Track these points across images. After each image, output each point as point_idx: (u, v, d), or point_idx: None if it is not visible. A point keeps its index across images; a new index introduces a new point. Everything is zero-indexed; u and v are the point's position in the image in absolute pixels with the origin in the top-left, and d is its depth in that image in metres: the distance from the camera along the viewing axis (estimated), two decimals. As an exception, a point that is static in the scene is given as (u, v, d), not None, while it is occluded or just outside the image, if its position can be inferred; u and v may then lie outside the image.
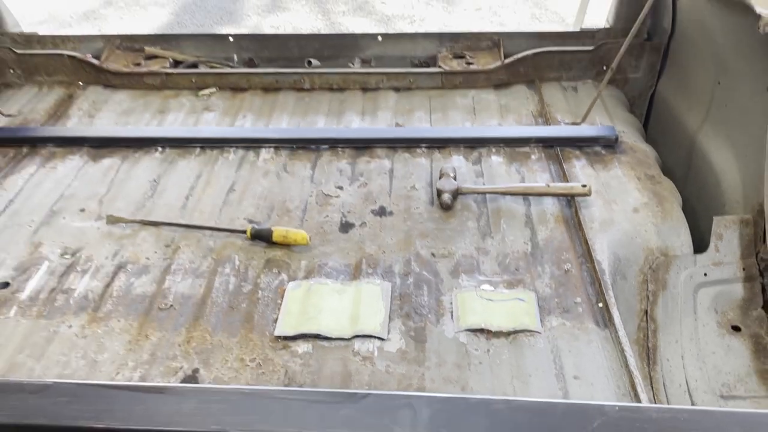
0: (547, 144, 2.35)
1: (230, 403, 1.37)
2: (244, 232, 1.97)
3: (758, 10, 1.83)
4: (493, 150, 2.36)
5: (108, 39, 2.89)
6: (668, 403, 1.79)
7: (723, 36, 2.21)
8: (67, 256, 1.92)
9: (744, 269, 2.01)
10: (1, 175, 2.26)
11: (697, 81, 2.42)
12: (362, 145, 2.40)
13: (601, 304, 1.72)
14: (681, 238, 2.04)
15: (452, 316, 1.71)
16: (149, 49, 2.85)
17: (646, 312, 1.95)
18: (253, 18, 5.85)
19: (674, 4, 2.53)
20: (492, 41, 2.85)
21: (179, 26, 5.65)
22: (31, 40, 2.87)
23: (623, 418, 1.33)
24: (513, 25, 5.70)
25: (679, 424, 1.31)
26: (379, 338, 1.64)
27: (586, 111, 2.41)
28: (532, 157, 2.33)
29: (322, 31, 5.52)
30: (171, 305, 1.75)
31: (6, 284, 1.82)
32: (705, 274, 2.01)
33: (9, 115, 2.58)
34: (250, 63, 2.91)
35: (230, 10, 6.01)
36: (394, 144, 2.39)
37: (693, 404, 1.83)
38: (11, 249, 1.95)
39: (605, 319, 1.68)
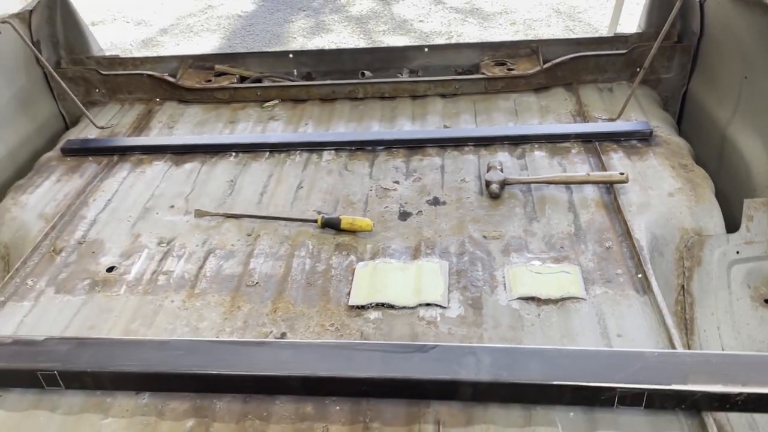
0: (586, 139, 2.55)
1: (320, 353, 1.61)
2: (315, 221, 2.22)
3: (777, 7, 2.02)
4: (536, 146, 2.57)
5: (181, 59, 3.22)
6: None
7: (748, 34, 2.39)
8: (163, 245, 2.20)
9: (775, 247, 2.17)
10: (99, 179, 2.57)
11: (726, 78, 2.59)
12: (414, 146, 2.63)
13: (640, 275, 1.91)
14: (714, 219, 2.21)
15: (505, 287, 1.91)
16: (218, 67, 3.16)
17: (683, 286, 2.12)
18: (299, 40, 6.20)
19: (702, 9, 2.72)
20: (531, 48, 3.08)
21: (231, 50, 6.02)
22: (113, 62, 3.21)
23: (661, 362, 1.53)
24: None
25: (711, 366, 1.50)
26: (441, 306, 1.86)
27: (621, 107, 2.61)
28: (572, 151, 2.53)
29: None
30: (257, 282, 2.01)
31: (113, 268, 2.10)
32: (737, 252, 2.18)
33: (102, 127, 2.91)
34: (308, 76, 3.20)
35: (277, 33, 6.37)
36: (443, 143, 2.62)
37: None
38: (114, 240, 2.24)
39: (644, 287, 1.87)
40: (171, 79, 3.09)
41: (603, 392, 1.46)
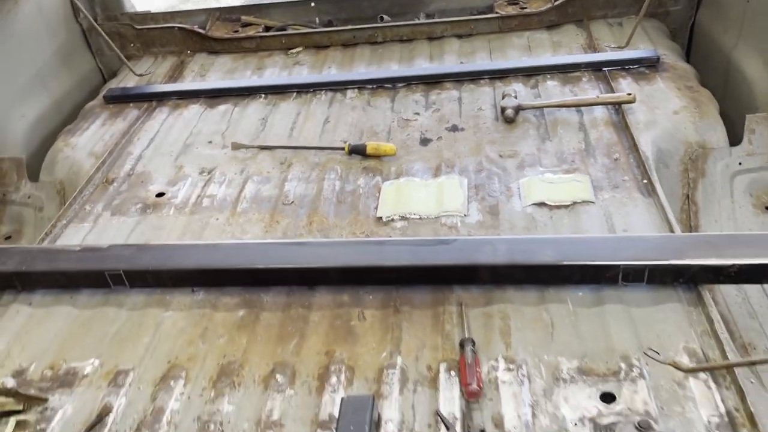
0: (596, 68, 2.68)
1: (354, 249, 1.81)
2: (343, 148, 2.39)
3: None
4: (548, 77, 2.71)
5: (209, 12, 3.39)
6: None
7: (750, -42, 2.49)
8: (204, 174, 2.40)
9: (776, 158, 2.30)
10: (140, 122, 2.78)
11: (731, 4, 2.70)
12: (432, 81, 2.79)
13: (645, 181, 2.06)
14: (717, 133, 2.34)
15: (519, 196, 2.08)
16: (245, 18, 3.33)
17: (688, 196, 2.27)
18: None
19: (708, -61, 2.82)
20: (542, -13, 3.19)
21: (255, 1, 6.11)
22: (145, 17, 3.39)
23: (661, 243, 1.70)
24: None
25: (706, 244, 1.66)
26: (461, 215, 2.03)
27: (629, 35, 2.73)
28: (583, 79, 2.67)
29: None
30: (292, 201, 2.20)
31: (162, 194, 2.31)
32: (740, 164, 2.32)
33: (140, 74, 3.11)
34: (329, 24, 3.35)
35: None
36: (460, 78, 2.77)
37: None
38: (160, 171, 2.44)
39: (649, 191, 2.02)
40: (201, 31, 3.27)
41: (608, 270, 1.64)
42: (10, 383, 1.50)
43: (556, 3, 3.06)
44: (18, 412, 1.55)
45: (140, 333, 1.74)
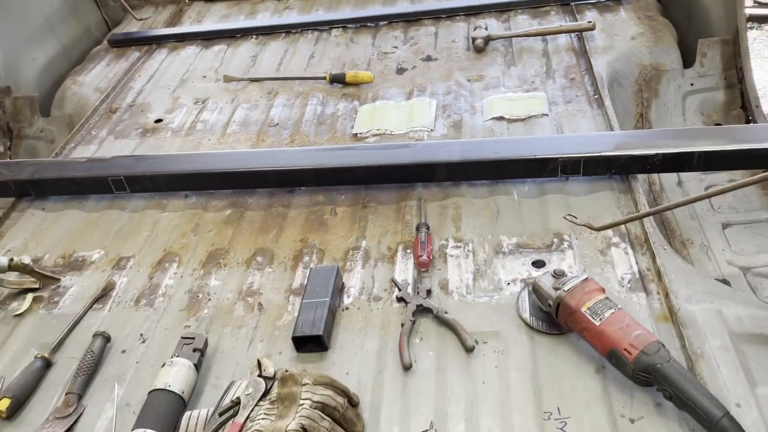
0: (564, 2, 2.85)
1: (328, 153, 2.02)
2: (324, 77, 2.60)
3: None
4: (519, 12, 2.88)
5: (205, -38, 3.58)
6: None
7: None
8: (198, 103, 2.62)
9: (725, 79, 2.48)
10: (141, 62, 3.00)
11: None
12: (412, 18, 2.98)
13: (596, 96, 2.25)
14: (671, 56, 2.52)
15: (482, 113, 2.28)
16: (238, -33, 3.52)
17: (642, 114, 2.46)
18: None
19: None
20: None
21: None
22: (145, -31, 3.60)
23: (596, 138, 1.90)
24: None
25: (636, 138, 1.86)
26: (428, 129, 2.24)
27: (595, -31, 2.89)
28: (551, 13, 2.84)
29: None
30: (277, 123, 2.42)
31: (160, 120, 2.54)
32: (692, 84, 2.50)
33: (141, 19, 3.33)
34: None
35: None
36: (437, 14, 2.96)
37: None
38: (159, 101, 2.67)
39: (599, 104, 2.21)
40: (197, -20, 3.47)
41: (549, 163, 1.84)
42: (27, 260, 1.74)
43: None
44: (34, 290, 1.80)
45: (140, 229, 1.99)
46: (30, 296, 1.78)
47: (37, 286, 1.80)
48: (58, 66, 3.17)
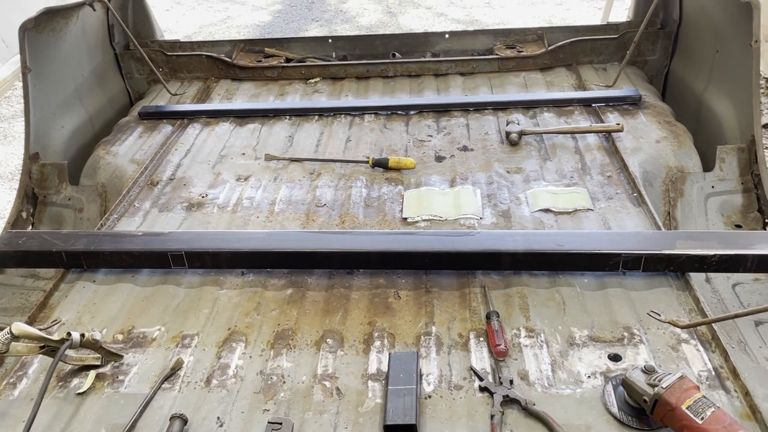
0: (586, 103, 3.05)
1: (390, 237, 2.06)
2: (367, 161, 2.68)
3: (740, -14, 2.55)
4: (545, 109, 3.06)
5: (234, 43, 3.70)
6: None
7: (718, 13, 2.91)
8: (241, 180, 2.65)
9: (742, 183, 2.67)
10: (175, 136, 3.03)
11: (701, 53, 3.11)
12: (442, 110, 3.12)
13: (635, 194, 2.39)
14: (693, 161, 2.70)
15: (527, 204, 2.38)
16: (268, 50, 3.64)
17: (669, 212, 2.60)
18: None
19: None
20: (537, 35, 3.59)
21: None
22: (174, 45, 3.69)
23: (654, 237, 2.01)
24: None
25: (692, 238, 1.96)
26: (477, 217, 2.32)
27: (615, 76, 3.11)
28: (576, 112, 3.02)
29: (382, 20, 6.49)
30: (324, 204, 2.46)
31: (204, 195, 2.55)
32: (713, 187, 2.67)
33: (174, 94, 3.37)
34: (344, 59, 3.68)
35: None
36: (466, 107, 3.11)
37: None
38: (200, 176, 2.68)
39: (639, 202, 2.34)
40: (227, 59, 3.57)
41: (611, 258, 1.92)
42: (98, 336, 1.69)
43: (549, 48, 3.45)
44: (96, 367, 1.74)
45: (200, 306, 1.96)
46: (93, 373, 1.72)
47: (99, 363, 1.74)
48: (84, 134, 3.17)
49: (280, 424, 1.50)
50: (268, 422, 1.50)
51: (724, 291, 2.29)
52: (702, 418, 1.36)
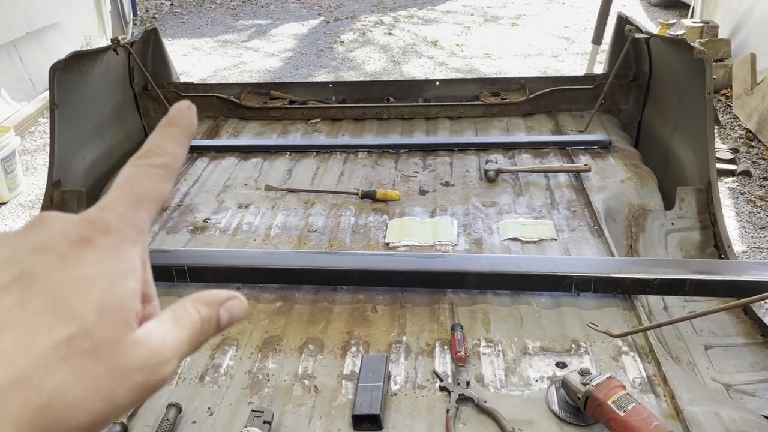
0: (561, 146, 3.33)
1: (370, 257, 2.31)
2: (356, 193, 2.95)
3: (693, 44, 2.85)
4: (523, 151, 3.34)
5: (243, 86, 4.04)
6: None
7: (679, 67, 3.21)
8: (241, 208, 2.93)
9: (700, 221, 2.91)
10: (185, 167, 3.32)
11: (667, 104, 3.40)
12: (429, 149, 3.40)
13: (596, 227, 2.64)
14: (655, 199, 2.95)
15: (498, 233, 2.63)
16: (273, 92, 3.97)
17: (631, 246, 2.84)
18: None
19: (650, 54, 3.56)
20: (519, 83, 3.91)
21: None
22: (188, 87, 4.02)
23: (604, 262, 2.24)
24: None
25: (637, 264, 2.20)
26: (452, 244, 2.57)
27: (587, 122, 3.40)
28: (551, 154, 3.30)
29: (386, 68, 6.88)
30: (316, 230, 2.72)
31: (207, 220, 2.82)
32: (672, 224, 2.91)
33: (186, 130, 3.68)
34: (343, 102, 4.00)
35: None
36: (451, 148, 3.39)
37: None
38: (205, 204, 2.96)
39: (599, 234, 2.59)
40: (236, 100, 3.89)
41: (564, 280, 2.16)
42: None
43: (530, 96, 3.75)
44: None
45: (198, 314, 2.20)
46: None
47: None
48: (101, 166, 3.47)
49: (262, 412, 1.72)
50: (252, 410, 1.73)
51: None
52: (624, 412, 1.58)
